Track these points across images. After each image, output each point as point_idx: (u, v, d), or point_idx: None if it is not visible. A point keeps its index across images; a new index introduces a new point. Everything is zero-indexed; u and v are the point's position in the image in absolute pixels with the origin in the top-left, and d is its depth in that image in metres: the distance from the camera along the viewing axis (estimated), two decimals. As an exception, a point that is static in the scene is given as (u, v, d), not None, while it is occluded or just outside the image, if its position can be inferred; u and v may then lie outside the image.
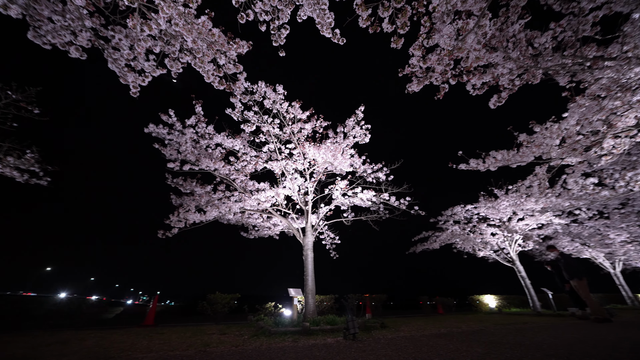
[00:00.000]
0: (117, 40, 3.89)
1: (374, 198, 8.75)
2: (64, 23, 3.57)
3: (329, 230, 10.33)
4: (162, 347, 4.14)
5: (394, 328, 6.18)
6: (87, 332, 5.93)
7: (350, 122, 8.08)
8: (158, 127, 6.98)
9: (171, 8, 3.45)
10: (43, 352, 3.77)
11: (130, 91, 4.38)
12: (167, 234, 7.41)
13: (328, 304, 11.72)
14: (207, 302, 9.76)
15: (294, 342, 4.52)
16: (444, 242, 14.32)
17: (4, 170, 5.96)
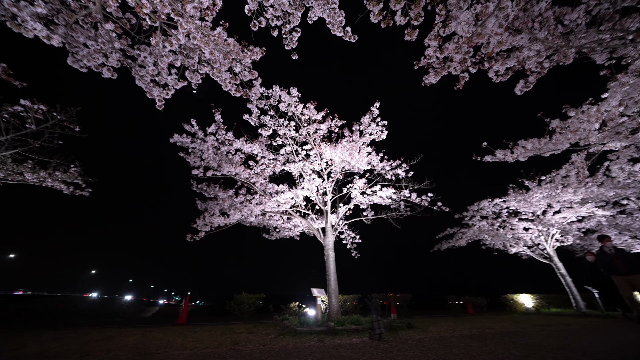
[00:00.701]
0: (142, 58, 4.17)
1: (393, 195, 8.56)
2: (96, 47, 3.90)
3: (349, 230, 10.27)
4: (196, 345, 4.37)
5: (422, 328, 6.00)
6: (129, 329, 6.41)
7: (366, 120, 7.98)
8: (182, 136, 7.38)
9: (189, 23, 3.64)
10: (92, 348, 4.14)
11: (156, 104, 4.67)
12: (195, 237, 7.79)
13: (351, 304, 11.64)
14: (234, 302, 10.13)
15: (320, 341, 4.55)
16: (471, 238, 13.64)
17: (54, 183, 6.64)
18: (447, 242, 14.35)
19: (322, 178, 8.70)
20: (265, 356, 3.54)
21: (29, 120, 6.05)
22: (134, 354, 3.71)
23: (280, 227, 9.87)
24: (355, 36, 4.09)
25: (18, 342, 4.59)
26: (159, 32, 3.78)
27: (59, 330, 6.42)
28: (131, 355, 3.68)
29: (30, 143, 6.32)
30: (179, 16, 3.53)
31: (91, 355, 3.70)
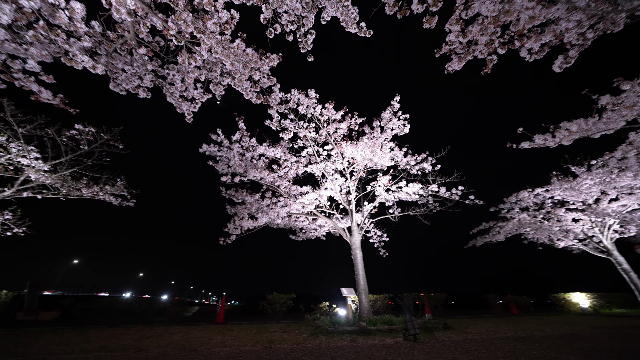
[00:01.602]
0: (171, 76, 4.51)
1: (420, 191, 8.23)
2: (132, 71, 4.29)
3: (375, 228, 10.08)
4: (234, 343, 4.60)
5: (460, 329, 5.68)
6: (174, 327, 6.95)
7: (387, 115, 7.78)
8: (210, 146, 7.82)
9: (210, 38, 3.86)
10: (145, 343, 4.56)
11: (186, 118, 5.02)
12: (227, 240, 8.21)
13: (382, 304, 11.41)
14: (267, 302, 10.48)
15: (352, 341, 4.53)
16: (510, 233, 12.61)
17: (105, 196, 7.45)
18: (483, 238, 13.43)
19: (345, 177, 8.65)
20: (300, 355, 3.61)
21: (82, 141, 6.86)
22: (181, 350, 4.02)
23: (306, 228, 10.00)
24: (370, 31, 4.02)
25: (85, 337, 5.21)
26: (184, 50, 4.06)
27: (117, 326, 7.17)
28: (178, 351, 3.99)
29: (84, 162, 7.17)
30: (201, 33, 3.76)
31: (145, 350, 4.08)
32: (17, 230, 7.30)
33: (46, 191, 7.38)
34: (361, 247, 8.19)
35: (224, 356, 3.70)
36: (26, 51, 3.38)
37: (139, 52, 4.06)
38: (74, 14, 3.18)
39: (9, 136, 6.28)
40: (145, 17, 3.69)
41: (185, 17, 3.61)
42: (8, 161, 6.54)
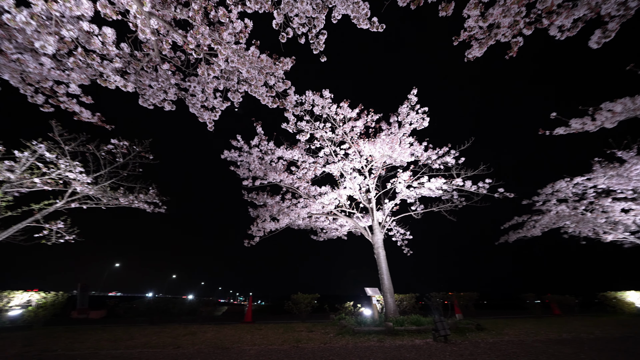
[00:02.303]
0: (192, 87, 4.76)
1: (444, 186, 7.90)
2: (158, 86, 4.59)
3: (397, 226, 9.85)
4: (263, 341, 4.74)
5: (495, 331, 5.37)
6: (206, 326, 7.32)
7: (404, 109, 7.57)
8: (231, 151, 8.13)
9: (227, 49, 4.02)
10: (181, 341, 4.85)
11: (207, 127, 5.27)
12: (251, 242, 8.48)
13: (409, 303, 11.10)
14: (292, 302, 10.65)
15: (380, 342, 4.47)
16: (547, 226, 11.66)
17: (140, 204, 8.05)
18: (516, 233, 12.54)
19: (364, 175, 8.55)
20: (328, 354, 3.63)
21: (118, 154, 7.46)
22: (214, 348, 4.22)
23: (327, 228, 10.02)
24: (383, 25, 3.95)
25: (129, 334, 5.67)
26: (203, 62, 4.27)
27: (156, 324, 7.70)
28: (212, 348, 4.20)
29: (120, 173, 7.80)
30: (217, 44, 3.93)
31: (181, 347, 4.35)
32: (68, 237, 8.11)
33: (90, 201, 8.14)
34: (384, 245, 8.05)
35: (254, 354, 3.83)
36: (68, 76, 3.75)
37: (163, 68, 4.34)
38: (106, 39, 3.47)
39: (58, 153, 7.00)
40: (167, 34, 3.94)
41: (202, 30, 3.79)
42: (58, 176, 7.30)
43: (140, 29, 3.57)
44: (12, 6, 2.71)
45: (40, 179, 7.15)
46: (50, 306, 8.45)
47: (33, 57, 3.47)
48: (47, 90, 3.95)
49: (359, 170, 8.67)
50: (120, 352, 4.04)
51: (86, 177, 7.41)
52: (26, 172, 7.08)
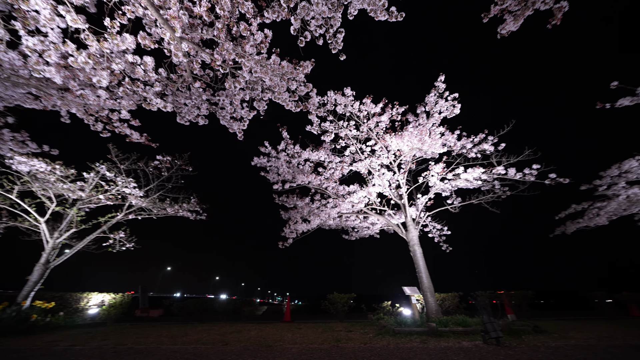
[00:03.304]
0: (222, 101, 5.08)
1: (483, 176, 7.31)
2: (192, 103, 4.99)
3: (433, 222, 9.36)
4: (303, 340, 4.86)
5: (557, 333, 4.80)
6: (249, 325, 7.73)
7: (431, 98, 7.17)
8: (259, 158, 8.50)
9: (250, 60, 4.22)
10: (229, 338, 5.20)
11: (238, 136, 5.57)
12: (285, 244, 8.75)
13: (451, 303, 10.45)
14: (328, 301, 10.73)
15: (423, 343, 4.28)
16: (614, 214, 10.05)
17: (184, 213, 8.83)
18: (575, 223, 11.03)
19: (393, 171, 8.29)
20: (369, 355, 3.59)
21: (163, 169, 8.28)
22: (258, 345, 4.45)
23: (358, 226, 9.91)
24: (402, 13, 3.81)
25: (184, 331, 6.24)
26: (229, 76, 4.53)
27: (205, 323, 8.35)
28: (256, 346, 4.42)
29: (165, 186, 8.64)
30: (241, 57, 4.14)
31: (229, 344, 4.66)
32: (128, 245, 9.22)
33: (143, 212, 9.17)
34: (419, 242, 7.70)
35: (296, 352, 3.94)
36: (119, 104, 4.27)
37: (195, 86, 4.70)
38: (146, 66, 3.88)
39: (116, 172, 8.00)
40: (196, 55, 4.26)
41: (227, 46, 4.03)
42: (117, 192, 8.35)
43: (173, 53, 3.92)
44: (74, 50, 3.17)
45: (103, 195, 8.24)
46: (119, 305, 9.67)
47: (92, 91, 4.02)
48: (104, 118, 4.54)
49: (387, 166, 8.43)
50: (178, 347, 4.47)
51: (139, 191, 8.36)
52: (93, 190, 8.22)
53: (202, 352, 4.04)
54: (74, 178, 7.78)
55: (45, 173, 7.09)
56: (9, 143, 5.39)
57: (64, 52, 3.22)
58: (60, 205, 8.21)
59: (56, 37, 3.10)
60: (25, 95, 4.34)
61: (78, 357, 3.90)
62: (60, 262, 8.16)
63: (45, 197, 7.96)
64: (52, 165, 7.03)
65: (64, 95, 4.11)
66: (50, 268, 7.94)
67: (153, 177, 8.52)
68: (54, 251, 8.07)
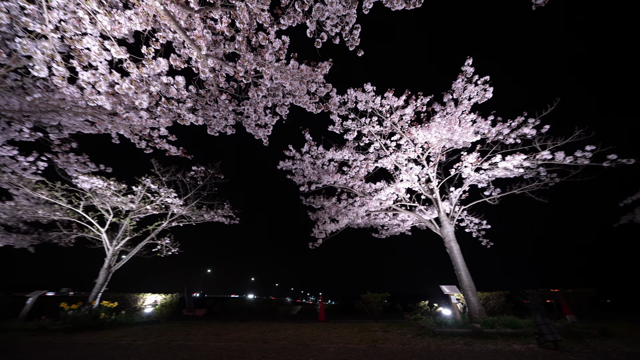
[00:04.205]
0: (246, 110, 5.32)
1: (525, 162, 6.66)
2: (220, 115, 5.31)
3: (470, 216, 8.76)
4: (339, 340, 4.87)
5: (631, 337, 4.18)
6: (286, 324, 7.95)
7: (459, 84, 6.73)
8: (285, 161, 8.72)
9: (270, 68, 4.36)
10: (268, 336, 5.42)
11: (263, 142, 5.79)
12: (315, 244, 8.85)
13: (496, 302, 9.66)
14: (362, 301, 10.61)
15: (467, 345, 4.02)
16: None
17: (219, 218, 9.41)
18: (647, 209, 9.47)
19: (421, 165, 7.93)
20: (408, 356, 3.48)
21: (198, 179, 8.92)
22: (296, 344, 4.56)
23: (388, 224, 9.65)
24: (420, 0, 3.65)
25: (226, 330, 6.64)
26: (252, 86, 4.74)
27: (244, 322, 8.79)
28: (294, 344, 4.54)
29: (201, 194, 9.29)
30: (262, 66, 4.31)
31: (268, 342, 4.85)
32: (173, 250, 10.08)
33: (184, 220, 9.98)
34: (456, 238, 7.26)
35: (334, 352, 3.97)
36: (158, 122, 4.71)
37: (222, 99, 4.99)
38: (178, 85, 4.23)
39: (159, 184, 8.81)
40: (220, 69, 4.52)
41: (248, 57, 4.22)
42: (161, 202, 9.19)
43: (201, 70, 4.21)
44: (119, 78, 3.58)
45: (150, 206, 9.13)
46: (169, 305, 10.61)
47: (135, 113, 4.49)
48: (146, 136, 5.04)
49: (414, 160, 8.10)
50: (223, 344, 4.77)
51: (179, 200, 9.11)
52: (141, 202, 9.15)
53: (244, 350, 4.27)
54: (125, 192, 8.74)
55: (102, 189, 8.07)
56: (74, 165, 6.24)
57: (111, 81, 3.64)
58: (116, 216, 9.27)
59: (104, 68, 3.52)
60: (84, 123, 4.99)
61: (140, 351, 4.37)
62: (119, 267, 9.21)
63: (104, 210, 9.06)
64: (108, 182, 7.98)
65: (113, 119, 4.64)
66: (112, 272, 9.01)
67: (190, 187, 9.25)
68: (113, 257, 9.14)
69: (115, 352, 4.31)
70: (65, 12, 3.11)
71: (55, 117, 4.77)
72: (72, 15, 3.14)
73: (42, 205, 8.06)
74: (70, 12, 3.13)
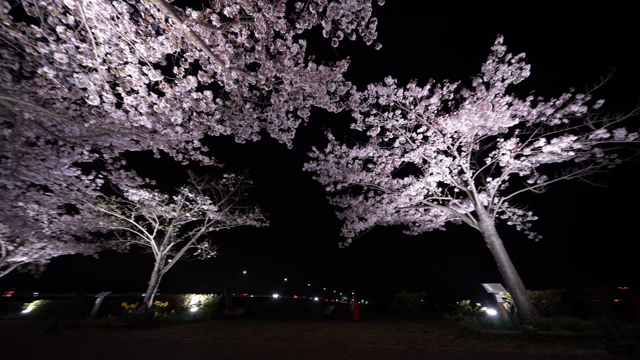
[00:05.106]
0: (269, 116, 5.51)
1: (576, 144, 5.93)
2: (245, 123, 5.57)
3: (512, 207, 8.04)
4: (376, 340, 4.79)
5: None
6: (321, 323, 8.03)
7: (489, 66, 6.23)
8: (309, 163, 8.84)
9: (289, 73, 4.47)
10: (304, 335, 5.53)
11: (287, 146, 5.94)
12: (345, 244, 8.83)
13: (551, 302, 8.71)
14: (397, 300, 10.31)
15: (519, 348, 3.70)
16: None
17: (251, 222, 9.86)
18: None
19: (452, 156, 7.48)
20: (452, 359, 3.30)
21: (230, 185, 9.43)
22: (333, 344, 4.59)
23: (419, 220, 9.26)
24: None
25: (265, 329, 6.92)
26: (273, 92, 4.89)
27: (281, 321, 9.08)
28: (331, 344, 4.58)
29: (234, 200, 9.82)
30: (281, 72, 4.43)
31: (305, 341, 4.95)
32: (212, 253, 10.78)
33: (220, 225, 10.63)
34: (497, 232, 6.71)
35: (371, 352, 3.92)
36: (191, 135, 5.09)
37: (246, 108, 5.23)
38: (207, 99, 4.53)
39: (195, 193, 9.50)
40: (243, 79, 4.74)
41: (268, 65, 4.37)
42: (198, 209, 9.89)
43: (225, 82, 4.46)
44: (156, 98, 3.94)
45: (189, 213, 9.89)
46: (212, 305, 11.38)
47: (171, 129, 4.91)
48: (182, 149, 5.47)
49: (444, 151, 7.67)
50: (262, 342, 4.99)
51: (214, 207, 9.73)
52: (181, 210, 9.95)
53: (282, 348, 4.41)
54: (167, 201, 9.58)
55: (148, 200, 8.94)
56: (125, 180, 6.99)
57: (150, 102, 4.03)
58: (162, 224, 10.20)
59: (144, 91, 3.91)
60: (130, 142, 5.58)
61: (190, 347, 4.75)
62: (167, 270, 10.11)
63: (151, 219, 10.02)
64: (153, 193, 8.82)
65: (154, 136, 5.12)
66: (161, 275, 9.92)
67: (223, 193, 9.84)
68: (162, 261, 10.06)
69: (170, 348, 4.74)
70: (109, 46, 3.53)
71: (107, 139, 5.41)
72: (115, 48, 3.54)
73: (101, 217, 9.19)
74: (113, 45, 3.54)
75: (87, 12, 3.17)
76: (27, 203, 7.94)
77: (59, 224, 9.15)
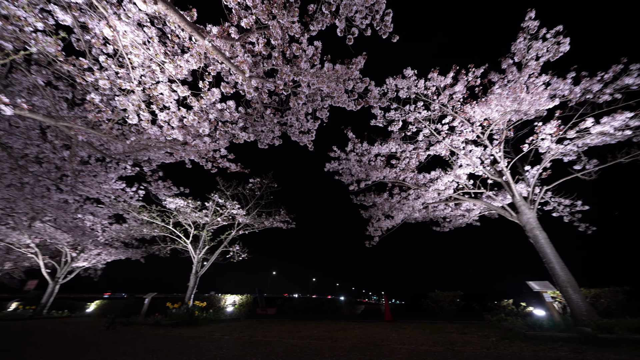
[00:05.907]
0: (289, 120, 5.61)
1: (633, 121, 5.22)
2: (267, 128, 5.74)
3: (557, 197, 7.29)
4: (411, 341, 4.64)
5: None
6: (353, 323, 7.98)
7: (520, 45, 5.72)
8: (331, 163, 8.84)
9: (306, 76, 4.52)
10: (336, 335, 5.54)
11: (308, 148, 6.00)
12: (372, 243, 8.69)
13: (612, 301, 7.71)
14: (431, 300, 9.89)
15: (576, 353, 3.34)
16: None
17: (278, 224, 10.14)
18: None
19: (483, 145, 7.00)
20: (495, 361, 3.09)
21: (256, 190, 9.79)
22: (366, 344, 4.54)
23: (450, 215, 8.79)
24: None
25: (297, 328, 7.06)
26: (292, 96, 4.98)
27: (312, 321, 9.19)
28: (364, 344, 4.53)
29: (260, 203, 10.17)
30: (298, 75, 4.50)
31: (338, 341, 4.96)
32: (243, 255, 11.28)
33: (249, 228, 11.07)
34: (540, 225, 6.13)
35: (406, 353, 3.81)
36: (218, 144, 5.38)
37: (267, 113, 5.39)
38: (230, 109, 4.75)
39: (225, 198, 10.01)
40: (262, 86, 4.90)
41: (285, 70, 4.47)
42: (228, 214, 10.41)
43: (246, 91, 4.64)
44: (185, 112, 4.23)
45: (220, 218, 10.45)
46: (246, 304, 11.88)
47: (200, 139, 5.23)
48: (211, 158, 5.80)
49: (474, 141, 7.20)
50: (296, 342, 5.09)
51: (242, 211, 10.18)
52: (213, 215, 10.55)
53: (316, 347, 4.47)
54: (200, 208, 10.22)
55: (183, 207, 9.62)
56: (162, 190, 7.59)
57: (180, 116, 4.34)
58: (196, 229, 10.91)
59: (174, 107, 4.22)
60: (165, 154, 6.06)
61: (228, 344, 5.02)
62: (203, 272, 10.78)
63: (187, 225, 10.76)
64: (187, 201, 9.47)
65: (185, 147, 5.49)
66: (198, 277, 10.60)
67: (249, 198, 10.26)
68: (198, 264, 10.75)
69: (211, 345, 5.05)
70: (143, 68, 3.87)
71: (146, 153, 5.92)
72: (148, 69, 3.88)
73: (145, 225, 10.09)
74: (146, 67, 3.87)
75: (123, 40, 3.51)
76: (85, 215, 9.01)
77: (110, 232, 10.26)
